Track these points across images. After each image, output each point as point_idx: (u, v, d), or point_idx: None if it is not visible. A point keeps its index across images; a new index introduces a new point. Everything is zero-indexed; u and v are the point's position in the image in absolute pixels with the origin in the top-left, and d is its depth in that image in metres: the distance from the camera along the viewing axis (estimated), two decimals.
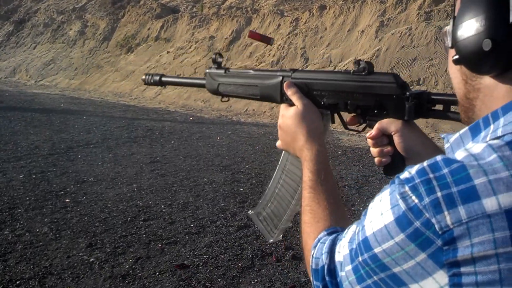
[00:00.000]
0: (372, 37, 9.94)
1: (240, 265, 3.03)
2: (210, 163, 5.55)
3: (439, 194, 0.55)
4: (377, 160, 0.98)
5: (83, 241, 3.34)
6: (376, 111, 0.97)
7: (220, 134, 7.35)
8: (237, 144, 6.67)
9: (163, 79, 1.46)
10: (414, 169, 0.60)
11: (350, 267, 0.66)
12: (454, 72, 0.72)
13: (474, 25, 0.64)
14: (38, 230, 3.53)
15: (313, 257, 0.77)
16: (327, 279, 0.72)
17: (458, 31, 0.67)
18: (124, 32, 16.10)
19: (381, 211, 0.61)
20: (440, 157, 0.59)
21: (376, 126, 0.96)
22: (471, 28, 0.64)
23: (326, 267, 0.72)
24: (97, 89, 14.18)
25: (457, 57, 0.67)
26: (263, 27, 12.49)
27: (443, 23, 9.01)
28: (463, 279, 0.54)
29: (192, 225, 3.66)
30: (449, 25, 0.70)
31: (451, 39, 0.69)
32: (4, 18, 20.93)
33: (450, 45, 0.69)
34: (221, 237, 3.44)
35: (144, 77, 1.51)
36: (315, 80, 1.05)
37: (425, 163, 0.59)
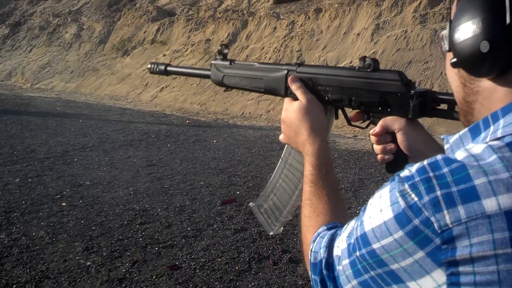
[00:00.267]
0: (367, 40, 9.97)
1: (237, 268, 3.03)
2: (206, 166, 5.55)
3: (438, 193, 0.56)
4: (379, 157, 0.98)
5: (79, 245, 3.33)
6: (380, 108, 0.97)
7: (216, 137, 7.35)
8: (233, 147, 6.67)
9: (168, 68, 1.45)
10: (414, 168, 0.60)
11: (347, 261, 0.66)
12: (452, 75, 0.72)
13: (471, 27, 0.64)
14: (34, 234, 3.52)
15: (311, 251, 0.77)
16: (324, 273, 0.72)
17: (455, 34, 0.67)
18: (120, 35, 16.09)
19: (380, 208, 0.62)
20: (440, 156, 0.59)
21: (380, 123, 0.96)
22: (468, 31, 0.64)
23: (324, 261, 0.73)
24: (93, 92, 14.15)
25: (455, 60, 0.67)
26: (259, 30, 12.52)
27: (439, 26, 9.05)
28: (461, 278, 0.54)
29: (188, 229, 3.66)
30: (445, 29, 0.70)
31: (448, 42, 0.69)
32: None
33: (447, 48, 0.69)
34: (218, 240, 3.44)
35: (149, 65, 1.49)
36: (320, 75, 1.05)
37: (425, 162, 0.59)
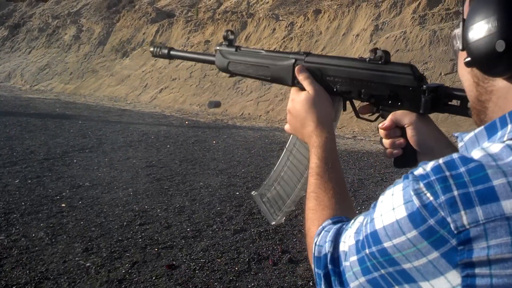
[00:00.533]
0: (367, 41, 9.98)
1: (236, 269, 3.03)
2: (206, 167, 5.55)
3: (455, 193, 0.54)
4: (388, 152, 0.96)
5: (79, 246, 3.33)
6: (390, 101, 0.94)
7: (215, 138, 7.35)
8: (233, 148, 6.67)
9: (172, 52, 1.42)
10: (429, 166, 0.59)
11: (355, 257, 0.65)
12: (465, 74, 0.71)
13: (486, 26, 0.63)
14: (34, 235, 3.52)
15: (316, 244, 0.76)
16: (329, 267, 0.71)
17: (469, 33, 0.66)
18: (119, 37, 16.09)
19: (393, 206, 0.60)
20: (456, 155, 0.58)
21: (390, 117, 0.94)
22: (483, 30, 0.63)
23: (330, 255, 0.71)
24: (92, 93, 14.15)
25: (469, 59, 0.66)
26: (258, 31, 12.53)
27: (438, 27, 9.07)
28: (477, 280, 0.53)
29: (188, 229, 3.66)
30: (458, 28, 0.69)
31: (462, 41, 0.67)
32: None
33: (461, 47, 0.68)
34: (217, 241, 3.44)
35: (152, 49, 1.46)
36: (329, 66, 1.02)
37: (440, 160, 0.58)
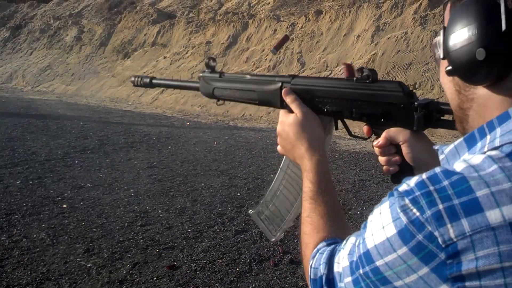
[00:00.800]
0: (368, 41, 9.98)
1: (237, 269, 3.03)
2: (207, 168, 5.55)
3: (440, 207, 0.54)
4: (385, 169, 0.96)
5: (80, 247, 3.33)
6: (383, 119, 0.94)
7: (217, 139, 7.35)
8: (234, 149, 6.67)
9: (154, 81, 1.41)
10: (412, 181, 0.59)
11: (350, 279, 0.65)
12: (447, 83, 0.71)
13: (466, 34, 0.62)
14: (35, 236, 3.52)
15: (311, 267, 0.77)
16: None
17: (449, 42, 0.65)
18: (121, 38, 16.11)
19: (382, 224, 0.60)
20: (439, 169, 0.58)
21: (384, 135, 0.94)
22: (463, 38, 0.63)
23: (325, 277, 0.72)
24: (93, 94, 14.17)
25: (450, 68, 0.66)
26: (259, 32, 12.54)
27: (439, 28, 9.04)
28: None
29: (189, 230, 3.66)
30: (439, 36, 0.69)
31: (443, 49, 0.67)
32: (0, 24, 20.92)
33: (441, 56, 0.68)
34: (218, 242, 3.44)
35: (133, 78, 1.45)
36: (316, 87, 1.02)
37: (424, 175, 0.58)
